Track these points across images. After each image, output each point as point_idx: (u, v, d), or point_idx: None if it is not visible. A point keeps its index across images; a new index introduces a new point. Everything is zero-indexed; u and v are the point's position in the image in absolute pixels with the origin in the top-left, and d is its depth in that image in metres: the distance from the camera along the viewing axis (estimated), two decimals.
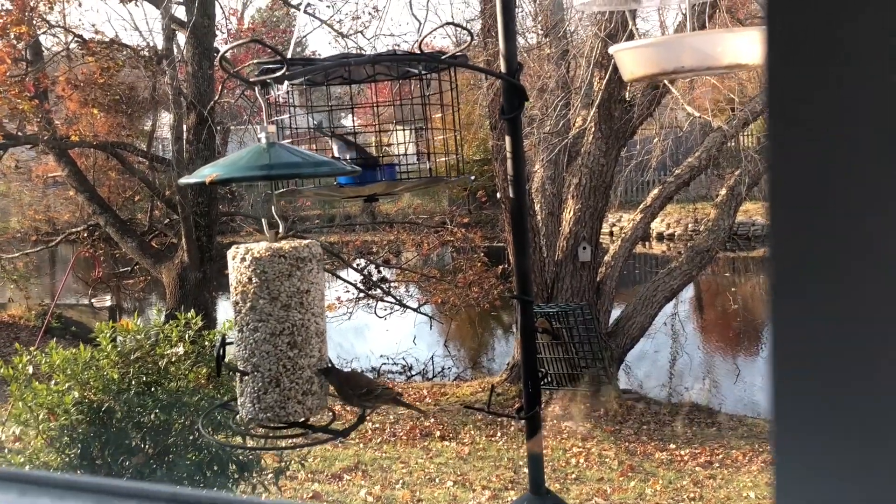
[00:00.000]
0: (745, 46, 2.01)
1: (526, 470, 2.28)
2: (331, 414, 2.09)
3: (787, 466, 0.51)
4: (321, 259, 2.00)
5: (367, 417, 2.13)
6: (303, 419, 1.97)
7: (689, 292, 15.82)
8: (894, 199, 0.47)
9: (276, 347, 1.93)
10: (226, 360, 2.00)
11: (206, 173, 1.85)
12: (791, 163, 0.49)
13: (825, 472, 0.51)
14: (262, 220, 2.06)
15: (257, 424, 2.02)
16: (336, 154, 2.25)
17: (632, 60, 2.09)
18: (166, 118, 16.06)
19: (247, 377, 1.95)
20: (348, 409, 3.40)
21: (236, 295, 1.96)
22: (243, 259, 1.94)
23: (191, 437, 4.71)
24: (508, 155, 2.17)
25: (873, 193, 0.48)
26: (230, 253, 1.97)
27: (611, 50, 2.19)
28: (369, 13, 15.84)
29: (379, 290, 13.96)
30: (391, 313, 13.54)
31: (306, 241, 2.00)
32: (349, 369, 2.16)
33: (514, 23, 2.19)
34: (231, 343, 2.00)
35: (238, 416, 2.01)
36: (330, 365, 2.04)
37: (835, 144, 0.48)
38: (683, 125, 11.55)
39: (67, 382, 4.55)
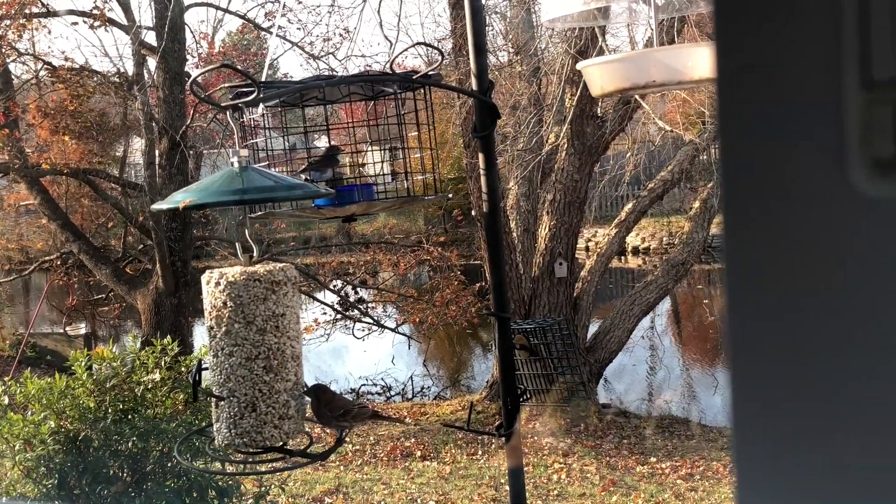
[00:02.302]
0: None
1: (507, 488, 2.27)
2: (308, 438, 2.07)
3: (747, 471, 0.52)
4: (296, 282, 1.99)
5: (346, 439, 2.11)
6: (280, 443, 1.96)
7: (665, 305, 15.88)
8: (838, 201, 0.48)
9: (251, 372, 1.91)
10: (202, 385, 1.98)
11: (179, 199, 1.84)
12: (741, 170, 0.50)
13: (781, 475, 0.51)
14: (236, 243, 2.05)
15: (234, 450, 2.00)
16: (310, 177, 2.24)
17: (600, 76, 2.10)
18: (138, 144, 15.97)
19: (223, 402, 1.93)
20: (326, 432, 3.38)
21: (211, 320, 1.94)
22: (217, 283, 1.92)
23: (169, 464, 4.66)
24: (482, 173, 2.18)
25: (817, 197, 0.49)
26: (204, 278, 1.96)
27: (579, 66, 2.20)
28: (340, 35, 15.81)
29: (356, 311, 13.91)
30: (369, 334, 13.49)
31: (281, 265, 1.98)
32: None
33: (484, 41, 2.20)
34: (206, 369, 1.98)
35: (214, 442, 1.99)
36: (319, 384, 2.03)
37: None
38: (655, 139, 11.63)
39: (43, 412, 4.49)
